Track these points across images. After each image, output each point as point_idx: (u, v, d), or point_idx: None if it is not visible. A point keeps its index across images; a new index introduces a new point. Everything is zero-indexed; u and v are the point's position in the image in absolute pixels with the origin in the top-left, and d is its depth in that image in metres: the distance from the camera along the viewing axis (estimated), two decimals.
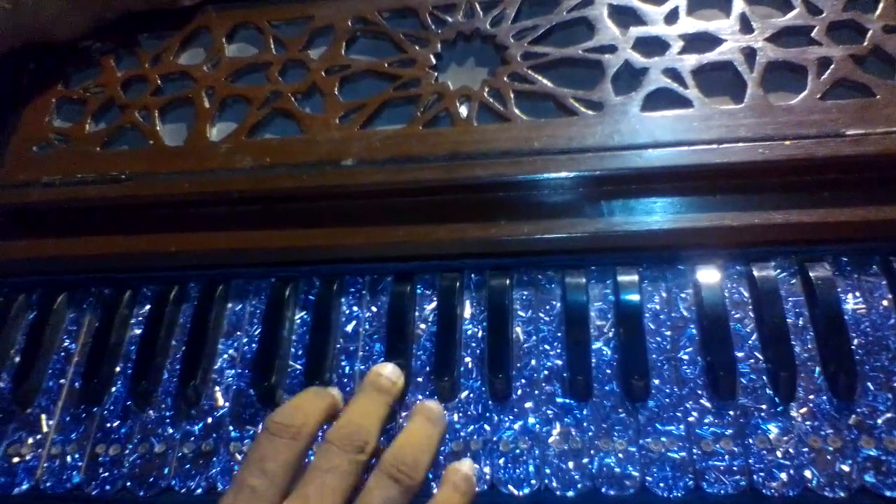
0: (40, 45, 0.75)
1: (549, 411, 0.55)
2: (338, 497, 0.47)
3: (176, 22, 0.77)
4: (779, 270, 0.58)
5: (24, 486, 0.57)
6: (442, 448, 0.54)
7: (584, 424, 0.54)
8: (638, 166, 0.60)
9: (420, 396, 0.57)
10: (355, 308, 0.62)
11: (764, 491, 0.50)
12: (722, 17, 0.67)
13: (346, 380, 0.59)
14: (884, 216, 0.57)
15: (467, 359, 0.58)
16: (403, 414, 0.57)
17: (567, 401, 0.55)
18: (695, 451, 0.52)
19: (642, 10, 0.68)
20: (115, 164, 0.68)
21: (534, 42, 0.68)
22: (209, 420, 0.58)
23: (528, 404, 0.56)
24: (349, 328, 0.61)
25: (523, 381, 0.57)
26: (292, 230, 0.63)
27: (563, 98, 0.64)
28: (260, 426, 0.57)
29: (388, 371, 0.56)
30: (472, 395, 0.57)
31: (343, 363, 0.60)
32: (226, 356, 0.62)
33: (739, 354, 0.55)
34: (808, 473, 0.50)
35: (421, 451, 0.50)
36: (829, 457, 0.51)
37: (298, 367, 0.60)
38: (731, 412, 0.53)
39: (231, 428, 0.58)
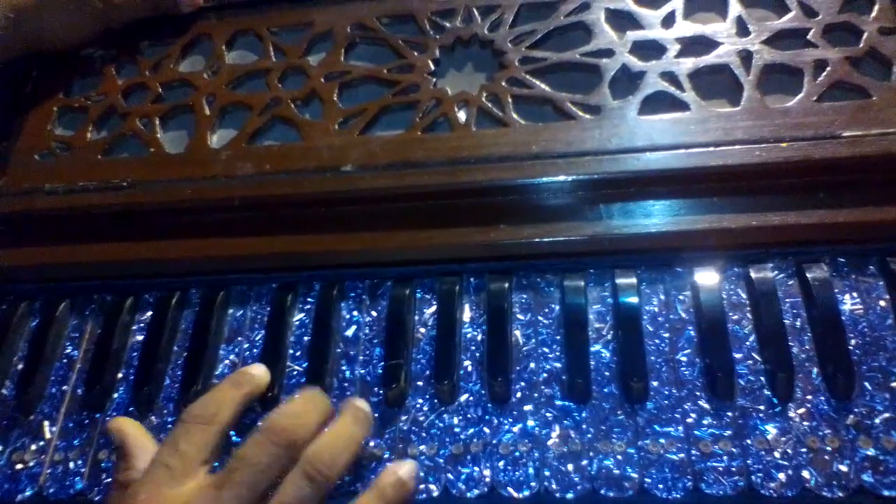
0: (42, 53, 0.76)
1: (548, 414, 0.55)
2: (254, 489, 0.48)
3: (176, 30, 0.77)
4: (776, 272, 0.59)
5: (28, 493, 0.58)
6: (441, 450, 0.55)
7: (584, 426, 0.54)
8: (636, 169, 0.60)
9: (420, 401, 0.57)
10: (355, 313, 0.63)
11: (762, 491, 0.50)
12: (718, 20, 0.67)
13: (346, 384, 0.59)
14: (881, 217, 0.57)
15: (467, 362, 0.59)
16: (403, 418, 0.57)
17: (566, 403, 0.56)
18: (693, 452, 0.52)
19: (639, 15, 0.68)
20: (116, 172, 0.68)
21: (531, 47, 0.69)
22: None
23: (528, 407, 0.56)
24: (349, 333, 0.62)
25: (523, 383, 0.57)
26: (292, 236, 0.64)
27: (561, 102, 0.64)
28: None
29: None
30: (471, 398, 0.57)
31: (343, 368, 0.60)
32: (227, 362, 0.62)
33: (737, 356, 0.55)
34: (806, 474, 0.50)
35: (339, 452, 0.50)
36: (827, 457, 0.51)
37: (298, 368, 0.60)
38: (730, 413, 0.53)
39: (232, 433, 0.58)
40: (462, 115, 0.66)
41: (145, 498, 0.48)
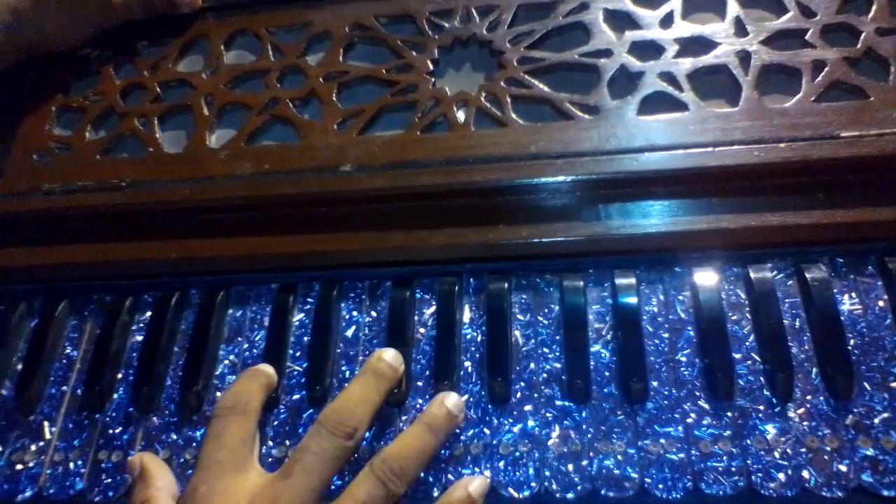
0: (41, 55, 0.75)
1: (548, 414, 0.56)
2: (320, 478, 0.50)
3: (174, 30, 0.77)
4: (775, 272, 0.59)
5: (28, 494, 0.58)
6: (442, 451, 0.55)
7: (584, 427, 0.55)
8: (634, 170, 0.60)
9: (420, 401, 0.57)
10: (355, 313, 0.63)
11: (762, 491, 0.51)
12: (717, 20, 0.68)
13: (346, 384, 0.59)
14: (879, 217, 0.57)
15: (467, 363, 0.59)
16: (403, 418, 0.57)
17: (566, 403, 0.56)
18: (693, 452, 0.52)
19: (638, 15, 0.69)
20: (115, 172, 0.68)
21: (530, 47, 0.69)
22: None
23: (528, 407, 0.56)
24: (349, 333, 0.62)
25: (522, 384, 0.57)
26: (292, 236, 0.64)
27: (560, 102, 0.65)
28: (262, 431, 0.57)
29: (390, 356, 0.56)
30: (471, 398, 0.57)
31: (343, 368, 0.60)
32: (227, 362, 0.62)
33: (737, 356, 0.56)
34: (805, 473, 0.51)
35: (408, 464, 0.51)
36: (826, 457, 0.51)
37: (298, 368, 0.60)
38: (729, 413, 0.54)
39: None
40: (461, 115, 0.66)
41: (206, 490, 0.49)
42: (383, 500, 0.49)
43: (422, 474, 0.54)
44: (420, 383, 0.58)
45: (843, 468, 0.51)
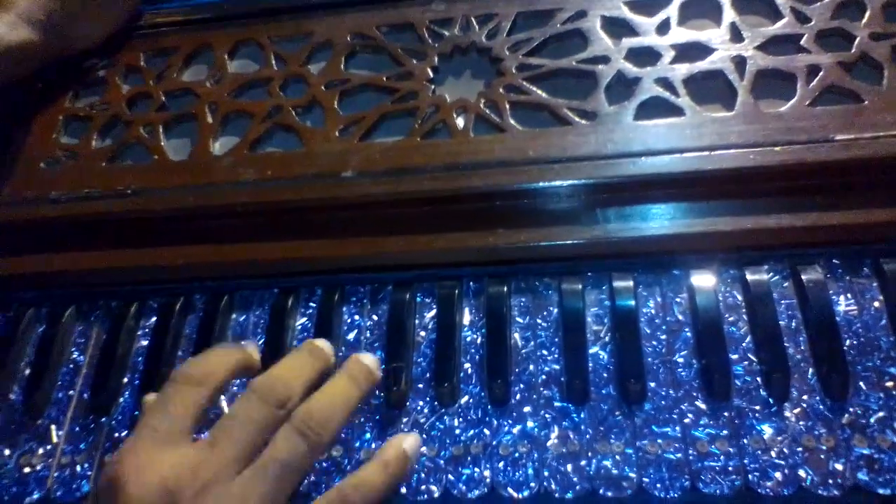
0: (65, 56, 0.77)
1: (547, 415, 0.56)
2: (246, 447, 0.48)
3: (179, 39, 0.79)
4: (772, 274, 0.59)
5: (36, 496, 0.58)
6: (442, 451, 0.55)
7: (582, 427, 0.55)
8: (632, 174, 0.61)
9: (421, 403, 0.58)
10: (356, 317, 0.63)
11: (759, 490, 0.51)
12: (713, 26, 0.68)
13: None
14: (874, 219, 0.58)
15: (467, 365, 0.59)
16: (405, 420, 0.57)
17: (565, 404, 0.56)
18: (691, 452, 0.53)
19: (635, 22, 0.69)
20: (120, 179, 0.69)
21: (528, 54, 0.70)
22: None
23: (527, 408, 0.57)
24: (351, 336, 0.62)
25: (522, 385, 0.58)
26: (294, 241, 0.65)
27: (558, 108, 0.65)
28: None
29: (321, 341, 0.57)
30: (471, 400, 0.58)
31: None
32: None
33: (733, 357, 0.56)
34: (802, 473, 0.51)
35: (333, 411, 0.50)
36: (822, 456, 0.52)
37: None
38: (726, 413, 0.54)
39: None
40: (460, 122, 0.67)
41: (129, 462, 0.47)
42: (307, 455, 0.48)
43: (422, 475, 0.54)
44: (420, 385, 0.59)
45: (839, 467, 0.51)
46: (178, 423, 0.49)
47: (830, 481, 0.51)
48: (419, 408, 0.58)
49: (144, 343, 0.65)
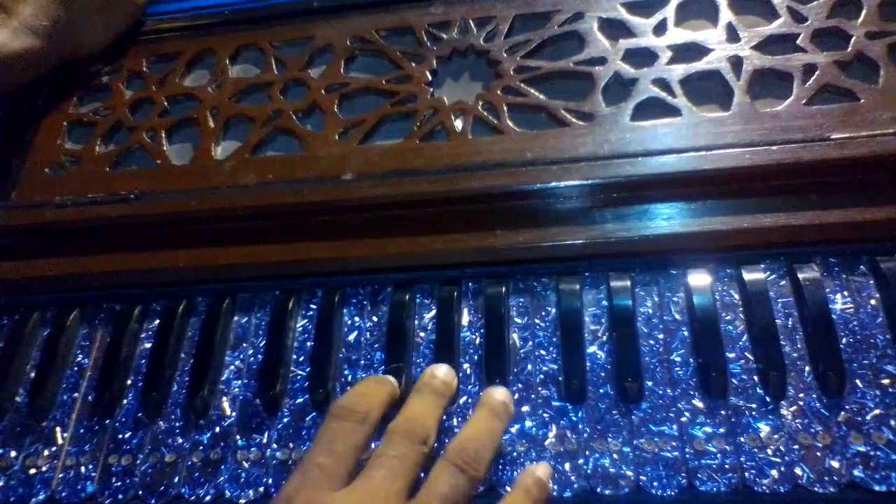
0: (73, 61, 0.78)
1: (545, 414, 0.57)
2: (404, 481, 0.48)
3: (181, 44, 0.79)
4: (768, 273, 0.60)
5: (41, 497, 0.59)
6: (442, 452, 0.55)
7: (580, 426, 0.56)
8: (629, 174, 0.61)
9: None
10: (357, 318, 0.64)
11: (756, 488, 0.51)
12: (709, 27, 0.69)
13: (348, 388, 0.60)
14: (870, 217, 0.58)
15: (466, 365, 0.60)
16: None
17: (563, 404, 0.57)
18: (687, 450, 0.53)
19: (631, 23, 0.70)
20: (124, 184, 0.70)
21: (526, 56, 0.70)
22: (217, 429, 0.60)
23: (525, 408, 0.57)
24: (351, 338, 0.63)
25: (520, 385, 0.58)
26: (295, 244, 0.65)
27: (555, 110, 0.66)
28: (266, 434, 0.59)
29: (442, 373, 0.56)
30: (470, 400, 0.58)
31: (346, 372, 0.61)
32: (232, 367, 0.63)
33: (730, 355, 0.57)
34: (798, 470, 0.51)
35: (482, 446, 0.51)
36: (818, 453, 0.52)
37: (301, 373, 0.62)
38: (723, 412, 0.54)
39: (238, 437, 0.59)
40: (459, 124, 0.67)
41: (305, 500, 0.47)
42: (466, 489, 0.48)
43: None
44: None
45: (836, 464, 0.51)
46: (343, 462, 0.49)
47: (827, 478, 0.51)
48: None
49: (148, 346, 0.66)
